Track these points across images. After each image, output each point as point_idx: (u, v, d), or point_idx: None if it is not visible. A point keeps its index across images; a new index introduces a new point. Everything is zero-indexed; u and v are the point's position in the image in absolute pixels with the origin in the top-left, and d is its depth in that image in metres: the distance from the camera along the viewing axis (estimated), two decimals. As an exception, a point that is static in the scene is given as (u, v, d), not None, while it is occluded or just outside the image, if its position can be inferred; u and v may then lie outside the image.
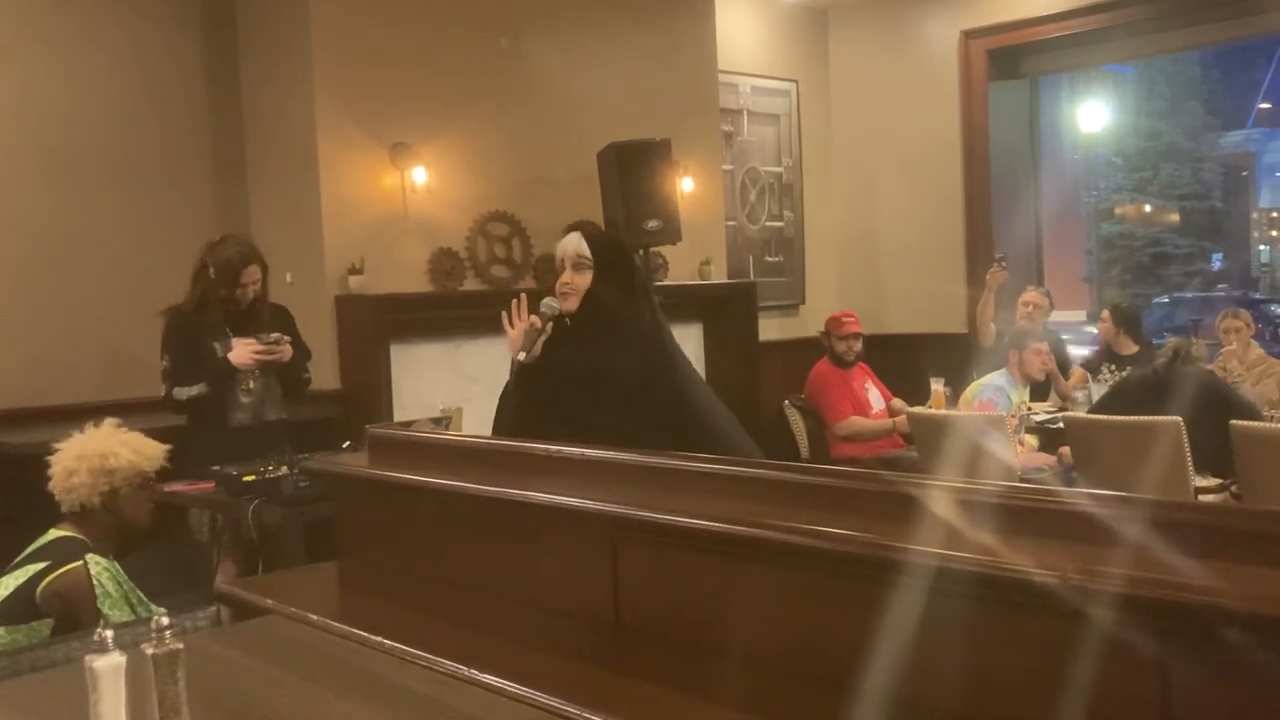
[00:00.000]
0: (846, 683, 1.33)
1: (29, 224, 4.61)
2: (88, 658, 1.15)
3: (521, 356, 2.69)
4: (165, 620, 1.20)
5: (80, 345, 4.68)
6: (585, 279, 2.75)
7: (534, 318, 2.74)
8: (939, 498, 1.41)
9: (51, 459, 2.72)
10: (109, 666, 1.15)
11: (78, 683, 1.25)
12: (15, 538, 2.74)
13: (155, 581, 2.82)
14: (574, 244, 2.80)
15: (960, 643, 1.29)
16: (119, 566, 2.64)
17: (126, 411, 4.50)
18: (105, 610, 2.47)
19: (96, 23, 4.79)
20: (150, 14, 4.94)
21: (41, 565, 2.54)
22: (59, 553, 2.58)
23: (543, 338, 2.71)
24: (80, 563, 2.54)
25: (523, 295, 2.81)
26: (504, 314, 2.78)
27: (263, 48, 5.09)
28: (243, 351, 3.68)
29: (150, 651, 1.18)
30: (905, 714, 1.30)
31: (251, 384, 3.74)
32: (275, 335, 3.70)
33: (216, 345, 3.69)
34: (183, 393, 3.70)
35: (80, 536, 2.64)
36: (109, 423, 2.83)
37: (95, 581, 2.51)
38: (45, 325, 4.64)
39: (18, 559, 2.64)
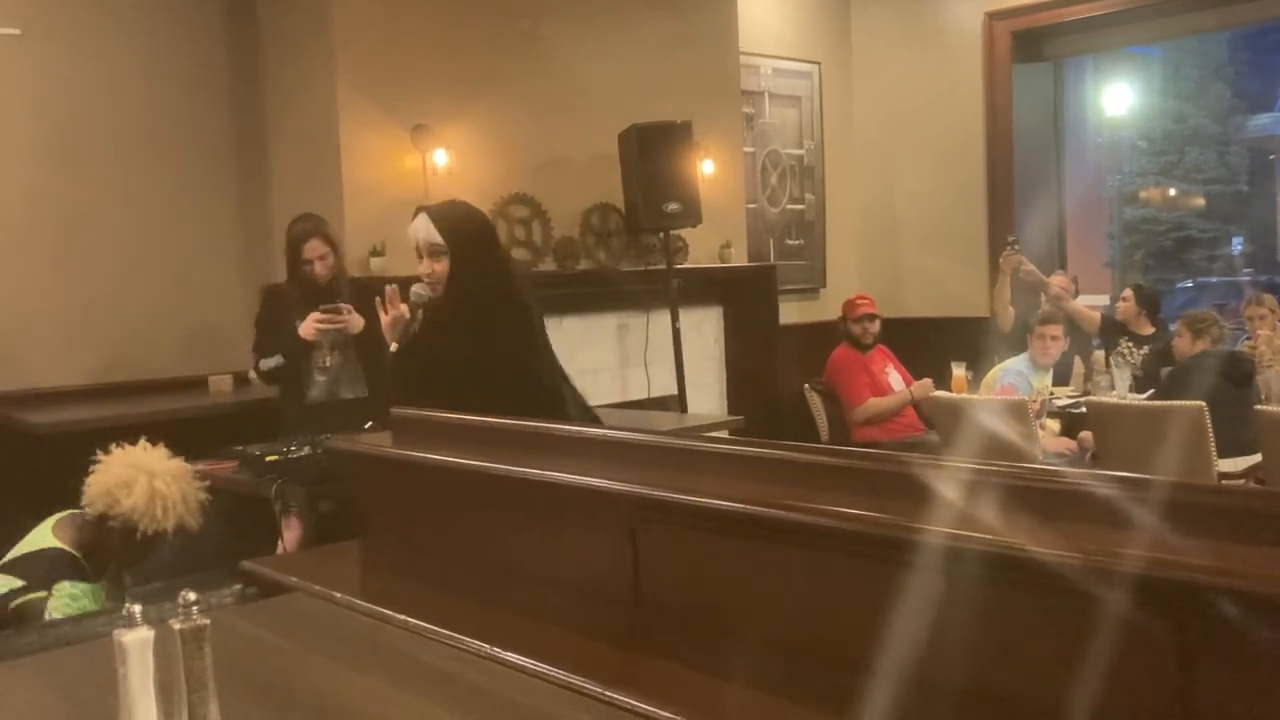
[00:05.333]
0: (866, 664, 1.34)
1: (54, 207, 4.65)
2: (116, 632, 1.17)
3: (393, 347, 2.70)
4: (192, 596, 1.21)
5: (103, 324, 4.73)
6: (443, 265, 2.68)
7: (404, 306, 2.71)
8: (958, 479, 1.41)
9: (107, 457, 2.62)
10: (137, 641, 1.16)
11: (105, 657, 1.27)
12: (37, 520, 2.75)
13: (185, 560, 2.81)
14: (423, 230, 2.71)
15: (981, 624, 1.29)
16: (92, 593, 2.52)
17: (149, 391, 4.59)
18: None
19: (121, 10, 4.82)
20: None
21: (16, 584, 2.46)
22: (36, 573, 2.49)
23: (414, 326, 2.69)
24: (44, 594, 2.44)
25: (393, 285, 2.78)
26: (377, 300, 2.75)
27: (284, 31, 5.10)
28: (307, 324, 3.72)
29: (177, 626, 1.19)
30: (925, 695, 1.30)
31: (328, 360, 3.79)
32: (335, 305, 3.71)
33: (297, 321, 3.75)
34: (265, 364, 3.86)
35: (69, 550, 2.55)
36: (184, 466, 2.67)
37: (46, 616, 2.41)
38: (70, 304, 4.69)
39: (12, 552, 2.59)
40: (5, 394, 4.45)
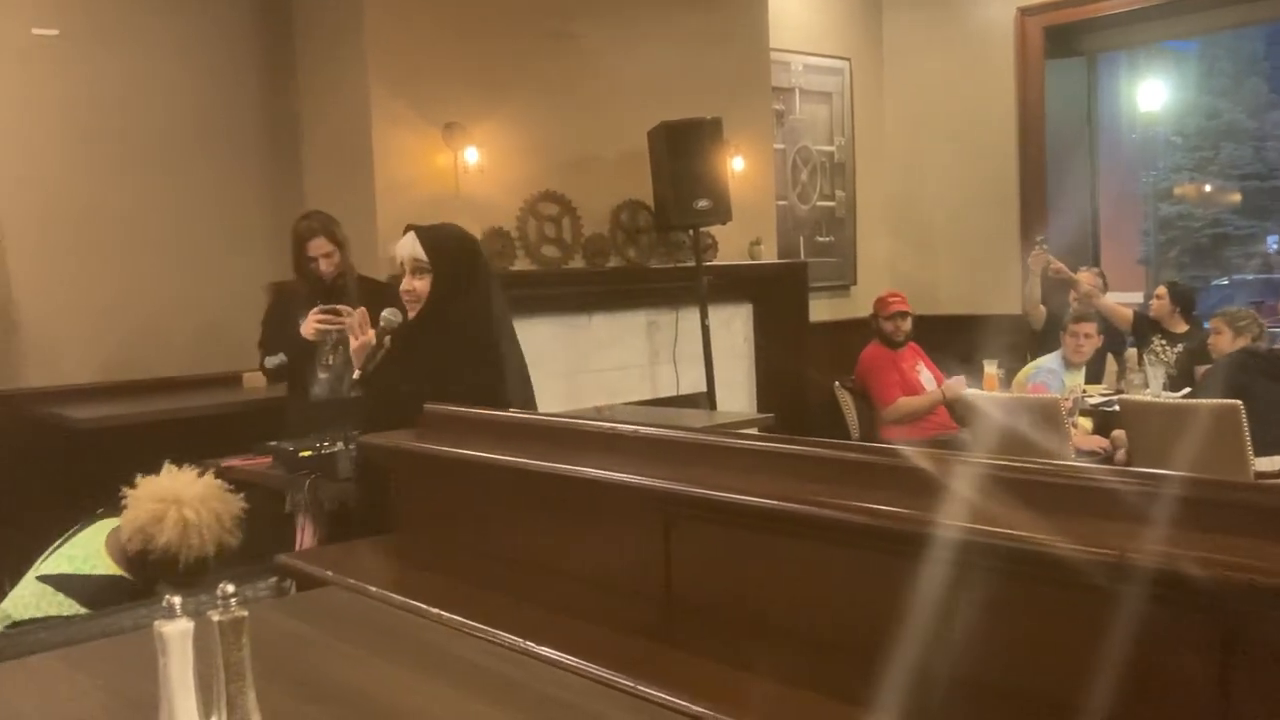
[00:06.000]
0: (895, 659, 1.34)
1: (93, 204, 4.72)
2: (157, 623, 1.18)
3: (356, 375, 2.68)
4: (230, 588, 1.23)
5: (141, 321, 4.79)
6: (425, 284, 2.66)
7: (372, 332, 2.70)
8: (988, 476, 1.41)
9: (134, 492, 2.60)
10: (177, 632, 1.18)
11: (143, 648, 1.29)
12: (81, 515, 2.79)
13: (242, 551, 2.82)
14: (409, 247, 2.69)
15: (1010, 621, 1.29)
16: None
17: (186, 388, 4.65)
18: None
19: (157, 10, 4.87)
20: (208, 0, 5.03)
21: (78, 610, 2.48)
22: (86, 598, 2.50)
23: (382, 352, 2.66)
24: None
25: (361, 309, 2.78)
26: (347, 324, 2.77)
27: (318, 30, 5.14)
28: (308, 323, 3.75)
29: (216, 618, 1.21)
30: (956, 691, 1.31)
31: (331, 359, 3.82)
32: (334, 306, 3.74)
33: (300, 319, 3.78)
34: (269, 362, 3.89)
35: (120, 573, 2.57)
36: (212, 486, 2.62)
37: None
38: (108, 301, 4.75)
39: (62, 551, 2.63)
40: (42, 390, 4.52)
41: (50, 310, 4.62)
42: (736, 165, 5.88)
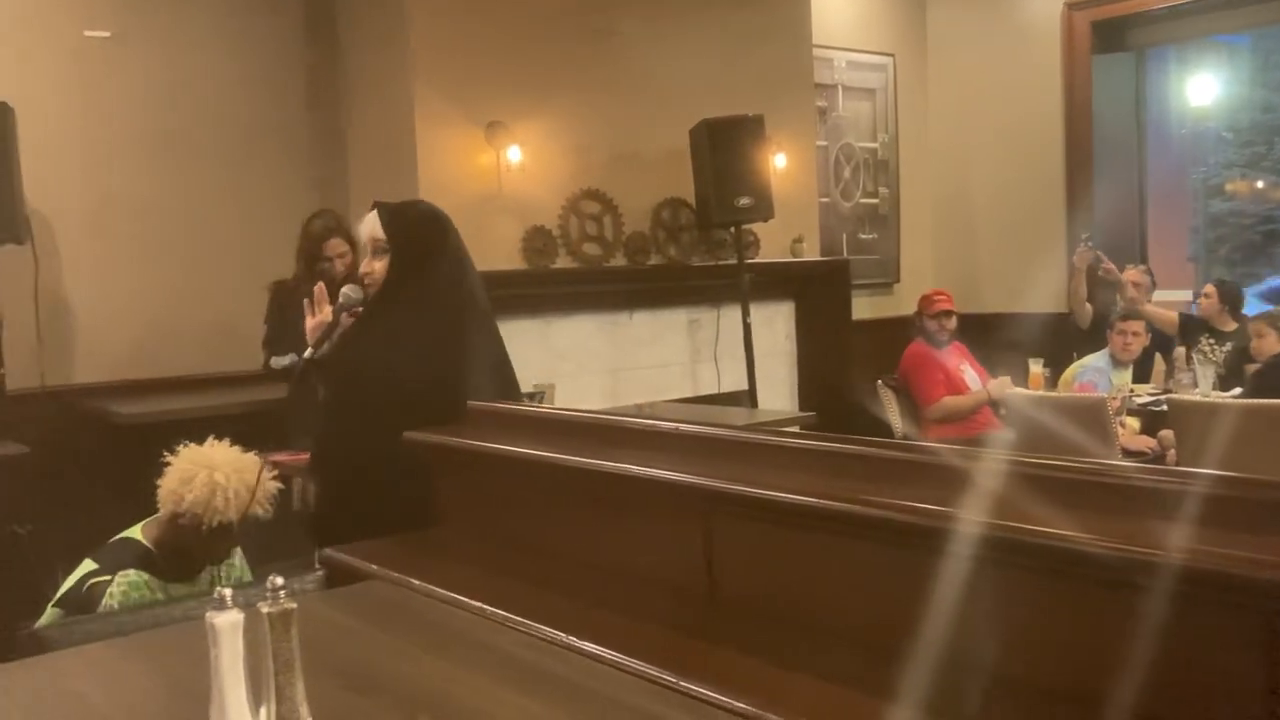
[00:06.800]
0: (939, 658, 1.33)
1: (145, 203, 4.80)
2: (209, 614, 1.21)
3: (308, 353, 2.51)
4: (279, 580, 1.25)
5: (190, 318, 4.86)
6: (382, 264, 2.52)
7: (329, 308, 2.55)
8: (1032, 475, 1.40)
9: (175, 457, 2.68)
10: (228, 623, 1.21)
11: (194, 638, 1.31)
12: (129, 508, 2.85)
13: (265, 549, 2.88)
14: (369, 226, 2.57)
15: (1056, 621, 1.28)
16: (154, 584, 2.61)
17: (233, 384, 4.71)
18: None
19: (206, 12, 4.94)
20: (255, 0, 5.09)
21: (92, 566, 2.60)
22: (109, 559, 2.62)
23: (339, 331, 2.52)
24: (106, 578, 2.56)
25: (320, 285, 2.63)
26: (305, 302, 2.61)
27: (363, 31, 5.20)
28: (310, 323, 3.78)
29: (265, 610, 1.23)
30: (998, 690, 1.30)
31: None
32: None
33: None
34: (277, 362, 3.90)
35: (146, 544, 2.66)
36: (246, 458, 2.66)
37: (104, 599, 2.52)
38: (159, 299, 4.83)
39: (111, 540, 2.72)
40: (94, 385, 4.60)
41: (101, 307, 4.70)
42: (779, 162, 5.86)
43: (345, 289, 2.55)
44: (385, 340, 2.50)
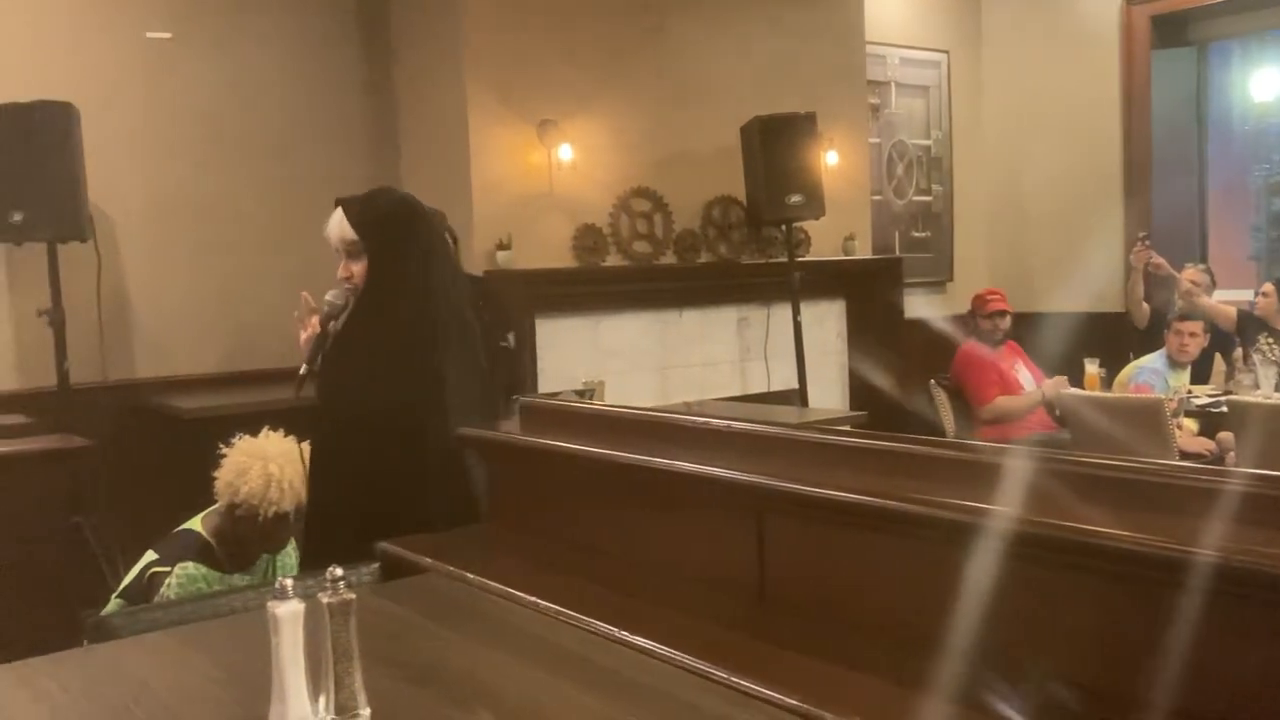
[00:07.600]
0: (993, 657, 1.33)
1: (204, 201, 4.89)
2: (270, 604, 1.24)
3: (302, 370, 2.42)
4: (339, 571, 1.28)
5: (248, 314, 4.94)
6: (361, 266, 2.39)
7: (314, 322, 2.43)
8: (1086, 476, 1.39)
9: (230, 450, 2.75)
10: (289, 612, 1.23)
11: (253, 628, 1.35)
12: (190, 499, 2.91)
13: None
14: (337, 227, 2.43)
15: (1109, 620, 1.27)
16: (211, 577, 2.67)
17: (289, 379, 4.77)
18: None
19: (263, 14, 5.02)
20: (311, 1, 5.16)
21: (153, 557, 2.68)
22: (169, 550, 2.69)
23: (329, 342, 2.42)
24: (166, 569, 2.63)
25: (304, 294, 2.51)
26: (295, 315, 2.50)
27: (416, 31, 5.25)
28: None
29: (325, 600, 1.26)
30: (1051, 689, 1.29)
31: None
32: None
33: None
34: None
35: (205, 536, 2.72)
36: (299, 449, 2.71)
37: (162, 590, 2.59)
38: (217, 295, 4.91)
39: (172, 532, 2.79)
40: (153, 380, 4.70)
41: (161, 303, 4.80)
42: (830, 160, 5.84)
43: (328, 295, 2.45)
44: (361, 358, 2.42)
